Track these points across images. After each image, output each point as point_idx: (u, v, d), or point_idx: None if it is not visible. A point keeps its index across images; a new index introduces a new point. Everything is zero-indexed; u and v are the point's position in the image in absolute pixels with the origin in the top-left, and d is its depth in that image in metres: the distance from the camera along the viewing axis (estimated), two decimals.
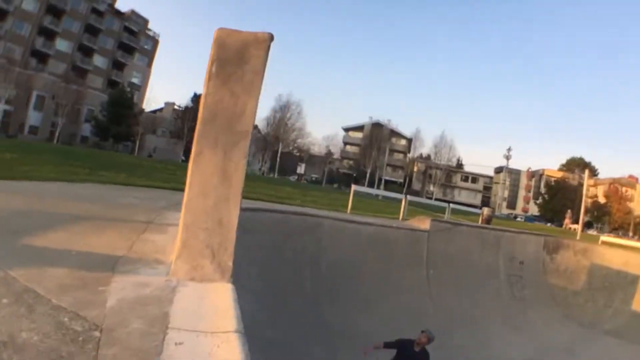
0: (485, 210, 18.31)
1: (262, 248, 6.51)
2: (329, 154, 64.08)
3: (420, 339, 5.39)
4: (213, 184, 3.07)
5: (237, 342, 1.81)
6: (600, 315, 10.74)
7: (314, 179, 58.59)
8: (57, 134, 39.50)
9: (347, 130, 68.03)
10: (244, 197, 3.42)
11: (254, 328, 5.71)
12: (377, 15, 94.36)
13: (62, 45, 47.56)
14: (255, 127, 58.14)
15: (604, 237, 18.59)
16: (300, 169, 58.94)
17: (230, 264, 3.00)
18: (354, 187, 20.92)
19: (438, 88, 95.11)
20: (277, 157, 53.18)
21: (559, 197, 52.92)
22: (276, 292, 6.34)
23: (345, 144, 67.65)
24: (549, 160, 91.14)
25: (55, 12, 46.52)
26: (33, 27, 44.65)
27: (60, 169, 10.97)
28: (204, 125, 3.15)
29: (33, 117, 40.58)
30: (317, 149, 63.56)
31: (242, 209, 7.82)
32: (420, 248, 9.82)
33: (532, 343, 9.22)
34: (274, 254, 6.79)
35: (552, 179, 61.59)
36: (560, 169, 64.79)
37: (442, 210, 20.41)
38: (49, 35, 46.25)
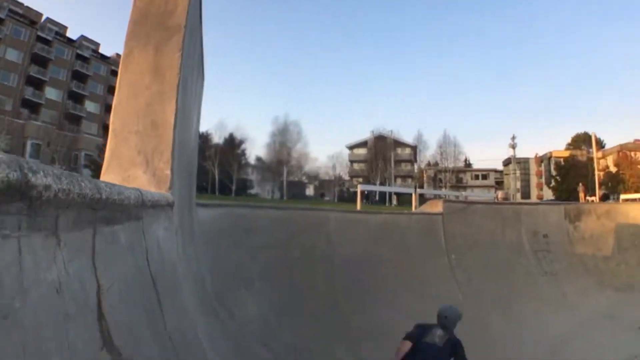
0: (500, 193, 17.58)
1: (266, 248, 6.11)
2: (339, 177, 63.87)
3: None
4: (144, 83, 2.79)
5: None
6: (634, 275, 10.20)
7: (325, 200, 57.79)
8: None
9: (351, 148, 67.67)
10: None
11: (269, 333, 5.28)
12: (359, 26, 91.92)
13: (51, 93, 47.90)
14: (260, 159, 58.60)
15: (625, 196, 17.95)
16: (309, 190, 58.12)
17: (168, 172, 2.55)
18: (360, 186, 20.48)
19: (433, 88, 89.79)
20: (284, 181, 52.62)
21: (570, 176, 51.45)
22: (287, 294, 5.95)
23: (352, 162, 67.19)
24: (556, 142, 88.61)
25: (41, 62, 46.96)
26: (20, 77, 44.94)
27: None
28: (133, 26, 2.99)
29: None
30: (324, 170, 63.38)
31: (240, 206, 7.33)
32: (436, 233, 9.41)
33: (571, 316, 8.70)
34: (280, 253, 6.36)
35: (561, 159, 60.34)
36: (567, 148, 63.52)
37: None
38: (37, 84, 46.60)
